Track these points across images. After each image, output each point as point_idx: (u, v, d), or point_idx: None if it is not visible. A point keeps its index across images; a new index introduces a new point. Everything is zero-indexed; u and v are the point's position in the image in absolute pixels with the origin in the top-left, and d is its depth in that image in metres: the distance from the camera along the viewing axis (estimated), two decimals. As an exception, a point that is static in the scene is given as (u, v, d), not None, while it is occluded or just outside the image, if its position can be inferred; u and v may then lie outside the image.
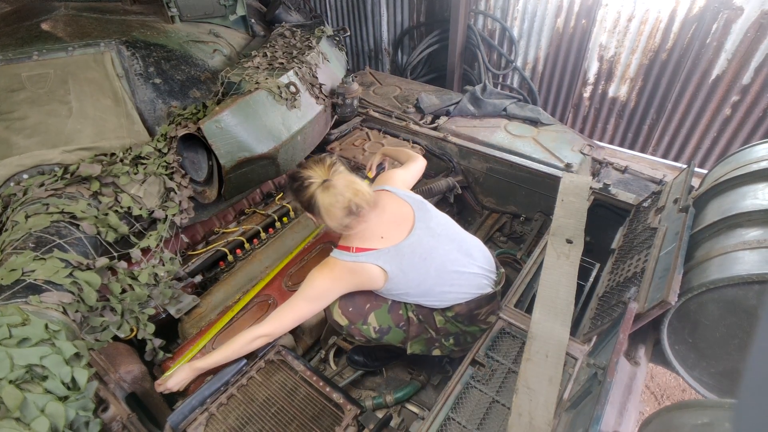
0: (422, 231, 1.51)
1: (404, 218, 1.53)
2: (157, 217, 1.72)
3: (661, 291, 1.26)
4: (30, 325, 1.01)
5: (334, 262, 1.46)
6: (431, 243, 1.50)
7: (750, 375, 0.38)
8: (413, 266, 1.46)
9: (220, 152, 1.78)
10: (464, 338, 1.61)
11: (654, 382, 2.55)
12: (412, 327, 1.59)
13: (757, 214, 1.28)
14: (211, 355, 1.51)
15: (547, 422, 1.22)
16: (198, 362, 1.50)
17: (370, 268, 1.44)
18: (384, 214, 1.51)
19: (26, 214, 1.44)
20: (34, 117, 1.70)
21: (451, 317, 1.56)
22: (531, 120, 2.76)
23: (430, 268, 1.48)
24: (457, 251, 1.55)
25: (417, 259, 1.46)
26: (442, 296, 1.52)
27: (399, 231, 1.50)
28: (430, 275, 1.48)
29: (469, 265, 1.55)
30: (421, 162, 1.86)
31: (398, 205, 1.56)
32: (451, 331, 1.59)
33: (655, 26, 3.07)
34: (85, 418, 0.99)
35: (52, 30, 1.97)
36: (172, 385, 1.46)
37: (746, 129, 3.06)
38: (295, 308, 1.48)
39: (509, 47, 3.86)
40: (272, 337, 1.51)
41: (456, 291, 1.52)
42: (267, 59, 2.19)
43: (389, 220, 1.51)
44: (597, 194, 2.06)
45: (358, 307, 1.59)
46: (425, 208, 1.59)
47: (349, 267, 1.44)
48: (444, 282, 1.50)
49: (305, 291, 1.47)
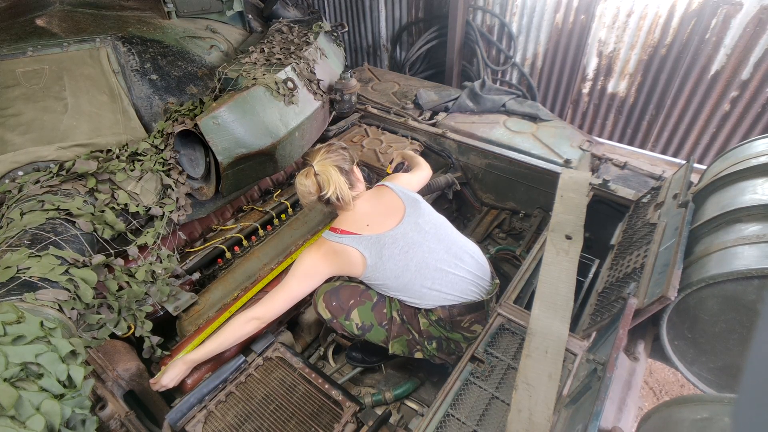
0: (408, 226, 1.55)
1: (394, 211, 1.59)
2: (154, 214, 1.71)
3: (661, 286, 1.26)
4: (25, 323, 1.00)
5: (322, 241, 1.53)
6: (415, 238, 1.53)
7: (750, 370, 0.38)
8: (392, 257, 1.49)
9: (218, 149, 1.77)
10: (447, 345, 1.61)
11: (653, 377, 2.56)
12: (394, 326, 1.61)
13: (757, 209, 1.28)
14: (204, 345, 1.50)
15: (547, 418, 1.21)
16: (191, 355, 1.49)
17: (351, 251, 1.49)
18: (375, 204, 1.59)
19: (21, 211, 1.43)
20: (29, 113, 1.69)
21: (434, 320, 1.57)
22: (530, 116, 2.75)
23: (410, 262, 1.50)
24: (445, 251, 1.57)
25: (397, 250, 1.50)
26: (422, 294, 1.53)
27: (386, 222, 1.55)
28: (409, 269, 1.50)
29: (455, 267, 1.56)
30: (429, 172, 1.96)
31: (391, 198, 1.63)
32: (434, 335, 1.60)
33: (655, 21, 3.06)
34: (81, 416, 0.98)
35: (47, 26, 1.95)
36: (166, 381, 1.44)
37: (745, 124, 3.05)
38: (285, 288, 1.51)
39: (508, 43, 3.84)
40: (264, 320, 1.52)
41: (437, 290, 1.53)
42: (264, 55, 2.18)
43: (378, 211, 1.58)
44: (596, 190, 2.06)
45: (342, 302, 1.64)
46: (418, 206, 1.63)
47: (333, 247, 1.51)
48: (425, 278, 1.52)
49: (295, 269, 1.52)
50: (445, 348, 1.62)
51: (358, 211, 1.57)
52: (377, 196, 1.64)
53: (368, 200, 1.61)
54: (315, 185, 1.51)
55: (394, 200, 1.62)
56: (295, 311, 1.95)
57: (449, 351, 1.63)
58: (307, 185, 1.52)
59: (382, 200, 1.62)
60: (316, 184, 1.51)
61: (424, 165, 1.96)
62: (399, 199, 1.62)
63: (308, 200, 1.56)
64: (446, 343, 1.61)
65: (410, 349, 1.64)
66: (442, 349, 1.62)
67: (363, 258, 1.49)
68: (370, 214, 1.57)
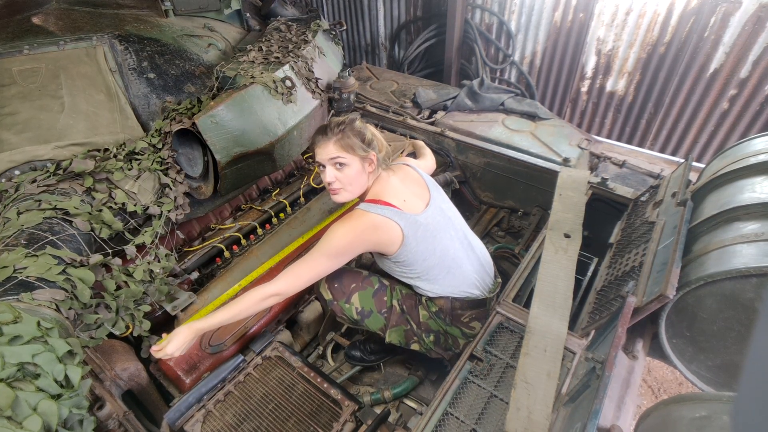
0: (436, 210, 1.53)
1: (421, 192, 1.56)
2: (152, 213, 1.70)
3: (659, 285, 1.26)
4: (22, 323, 0.99)
5: (360, 213, 1.40)
6: (441, 223, 1.52)
7: (750, 369, 0.38)
8: (425, 240, 1.46)
9: (216, 147, 1.76)
10: (444, 339, 1.61)
11: (651, 375, 2.56)
12: (393, 316, 1.60)
13: (755, 208, 1.28)
14: (214, 314, 1.37)
15: (546, 416, 1.21)
16: (199, 322, 1.35)
17: (393, 226, 1.40)
18: (404, 181, 1.54)
19: (18, 210, 1.42)
20: (26, 112, 1.68)
21: (434, 312, 1.56)
22: (529, 114, 2.74)
23: (436, 248, 1.48)
24: (460, 242, 1.57)
25: (429, 234, 1.47)
26: (436, 281, 1.52)
27: (417, 202, 1.51)
28: (435, 254, 1.48)
29: (467, 259, 1.56)
30: (434, 164, 1.97)
31: (417, 179, 1.60)
32: (432, 329, 1.59)
33: (653, 19, 3.06)
34: (79, 416, 0.98)
35: (43, 24, 1.94)
36: (172, 349, 1.31)
37: (744, 122, 3.05)
38: (311, 264, 1.39)
39: (507, 41, 3.84)
40: (284, 296, 1.40)
41: (449, 281, 1.53)
42: (262, 53, 2.17)
43: (409, 189, 1.53)
44: (595, 188, 2.06)
45: (344, 285, 1.62)
46: (438, 189, 1.62)
47: (374, 221, 1.39)
48: (443, 266, 1.51)
49: (326, 246, 1.38)
50: (442, 342, 1.61)
51: (393, 184, 1.50)
52: (404, 173, 1.59)
53: (397, 175, 1.56)
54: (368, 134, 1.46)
55: (419, 181, 1.59)
56: (294, 310, 1.95)
57: (446, 346, 1.62)
58: (364, 131, 1.44)
59: (408, 177, 1.58)
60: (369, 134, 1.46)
61: (430, 156, 1.97)
62: (423, 180, 1.60)
63: (349, 153, 1.42)
64: (444, 337, 1.60)
65: (407, 340, 1.63)
66: (439, 343, 1.61)
67: (402, 235, 1.41)
68: (402, 190, 1.50)
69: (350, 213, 1.42)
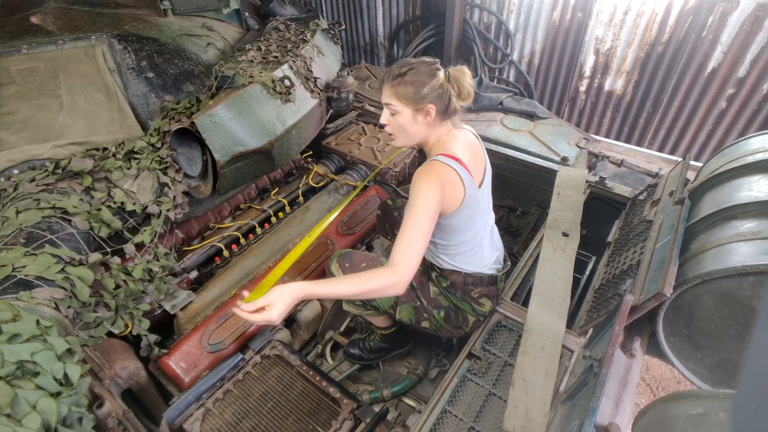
0: (487, 186, 1.49)
1: (480, 162, 1.45)
2: (151, 212, 1.70)
3: (657, 283, 1.26)
4: (21, 321, 0.99)
5: (439, 166, 1.29)
6: (486, 201, 1.50)
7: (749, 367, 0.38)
8: (473, 214, 1.40)
9: (215, 147, 1.76)
10: (455, 315, 1.59)
11: (649, 374, 2.57)
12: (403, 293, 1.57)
13: (752, 206, 1.28)
14: (333, 283, 1.23)
15: (544, 414, 1.22)
16: (312, 286, 1.19)
17: (460, 189, 1.31)
18: (467, 144, 1.42)
19: (17, 209, 1.42)
20: (24, 111, 1.68)
21: (445, 287, 1.55)
22: (527, 114, 2.75)
23: (478, 223, 1.46)
24: (485, 224, 1.52)
25: (478, 209, 1.42)
26: (465, 254, 1.49)
27: (477, 172, 1.41)
28: (474, 230, 1.46)
29: (488, 245, 1.56)
30: None
31: (477, 145, 1.48)
32: (443, 304, 1.58)
33: (652, 19, 3.06)
34: (78, 414, 0.98)
35: (41, 23, 1.94)
36: (276, 316, 1.10)
37: (742, 122, 3.06)
38: (419, 230, 1.23)
39: (505, 41, 3.84)
40: (409, 281, 1.25)
41: (468, 260, 1.51)
42: (261, 53, 2.17)
43: (472, 157, 1.41)
44: (593, 187, 2.06)
45: (355, 264, 1.62)
46: (490, 168, 1.54)
47: (451, 177, 1.29)
48: (474, 242, 1.49)
49: (419, 205, 1.24)
50: (453, 319, 1.59)
51: (462, 141, 1.39)
52: (466, 136, 1.45)
53: (467, 138, 1.44)
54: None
55: (480, 154, 1.47)
56: (293, 309, 1.95)
57: (456, 323, 1.59)
58: (427, 81, 1.28)
59: (472, 146, 1.44)
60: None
61: None
62: (483, 155, 1.48)
63: (401, 102, 1.31)
64: (454, 313, 1.58)
65: (417, 318, 1.61)
66: (449, 319, 1.58)
67: (461, 203, 1.32)
68: (468, 155, 1.38)
69: (426, 166, 1.31)
